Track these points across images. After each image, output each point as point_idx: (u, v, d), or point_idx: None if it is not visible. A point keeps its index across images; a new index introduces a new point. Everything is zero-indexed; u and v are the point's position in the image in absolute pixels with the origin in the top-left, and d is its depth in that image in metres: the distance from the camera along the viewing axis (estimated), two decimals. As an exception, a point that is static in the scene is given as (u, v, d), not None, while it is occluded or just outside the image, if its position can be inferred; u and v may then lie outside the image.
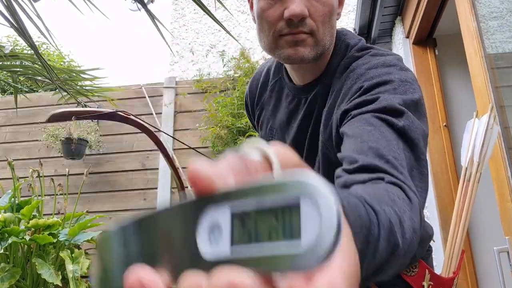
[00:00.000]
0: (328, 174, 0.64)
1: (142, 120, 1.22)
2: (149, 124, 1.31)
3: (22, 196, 2.87)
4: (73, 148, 2.94)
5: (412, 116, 0.58)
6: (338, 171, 0.52)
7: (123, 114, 1.19)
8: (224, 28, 1.44)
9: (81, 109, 1.17)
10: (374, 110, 0.57)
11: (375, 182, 0.47)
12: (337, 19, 0.73)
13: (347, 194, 0.37)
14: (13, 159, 3.10)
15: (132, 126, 1.22)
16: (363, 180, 0.47)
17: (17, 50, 3.97)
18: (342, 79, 0.69)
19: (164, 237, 0.21)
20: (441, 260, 2.31)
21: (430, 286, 0.76)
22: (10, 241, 2.25)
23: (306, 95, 0.75)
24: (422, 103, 0.66)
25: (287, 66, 0.78)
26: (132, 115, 1.20)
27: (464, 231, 0.93)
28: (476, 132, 0.93)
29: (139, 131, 3.30)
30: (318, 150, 0.72)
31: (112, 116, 1.21)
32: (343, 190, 0.44)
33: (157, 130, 3.24)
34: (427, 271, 0.77)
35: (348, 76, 0.67)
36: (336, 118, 0.65)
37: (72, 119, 1.06)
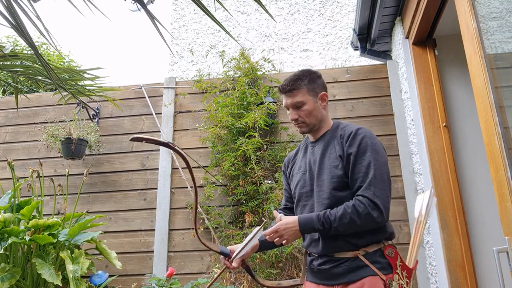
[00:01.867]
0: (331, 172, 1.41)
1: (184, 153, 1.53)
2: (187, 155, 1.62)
3: (22, 196, 2.87)
4: (73, 148, 2.94)
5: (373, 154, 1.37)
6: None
7: (172, 146, 1.55)
8: (224, 29, 1.44)
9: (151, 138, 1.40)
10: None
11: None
12: (323, 107, 1.50)
13: (315, 213, 1.36)
14: (13, 159, 3.11)
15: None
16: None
17: (17, 50, 3.97)
18: (336, 133, 1.48)
19: None
20: (440, 255, 2.32)
21: (400, 266, 1.33)
22: (10, 241, 2.24)
23: (316, 144, 1.51)
24: (375, 142, 1.40)
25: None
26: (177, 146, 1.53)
27: (417, 249, 1.43)
28: (423, 200, 1.49)
29: (139, 131, 3.29)
30: (324, 166, 1.44)
31: (166, 145, 1.52)
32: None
33: (197, 166, 3.23)
34: (399, 256, 1.36)
35: (338, 130, 1.48)
36: (340, 151, 1.41)
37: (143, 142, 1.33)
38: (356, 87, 3.13)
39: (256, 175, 2.83)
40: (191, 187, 3.04)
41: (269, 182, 2.81)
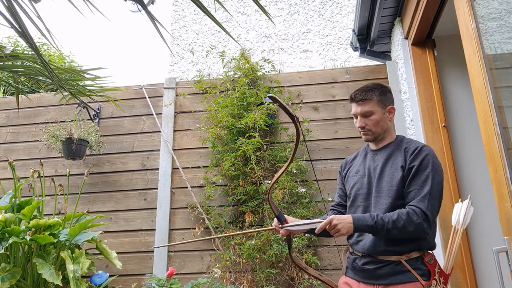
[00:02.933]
0: (391, 181, 1.49)
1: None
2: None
3: (22, 196, 2.87)
4: (74, 149, 2.94)
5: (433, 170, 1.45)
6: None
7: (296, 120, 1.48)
8: (224, 29, 1.45)
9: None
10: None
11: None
12: (389, 119, 1.59)
13: (370, 214, 1.42)
14: (14, 160, 3.11)
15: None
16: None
17: (18, 51, 3.97)
18: (400, 146, 1.56)
19: None
20: (439, 257, 2.32)
21: (438, 272, 1.41)
22: (10, 241, 2.25)
23: (378, 152, 1.60)
24: (436, 162, 1.49)
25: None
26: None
27: (454, 256, 1.53)
28: (460, 209, 1.61)
29: (139, 131, 3.30)
30: (385, 173, 1.52)
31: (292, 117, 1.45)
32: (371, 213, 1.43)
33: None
34: (437, 263, 1.43)
35: (403, 144, 1.56)
36: (402, 162, 1.49)
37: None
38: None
39: (256, 175, 2.84)
40: (192, 187, 3.05)
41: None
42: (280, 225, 1.51)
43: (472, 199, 2.46)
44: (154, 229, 3.01)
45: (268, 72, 3.27)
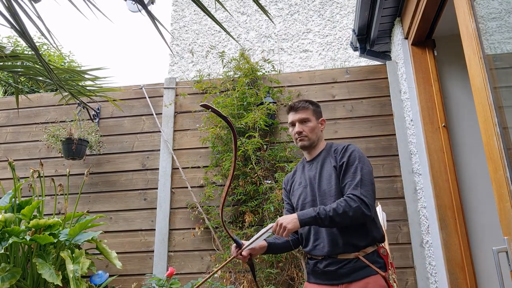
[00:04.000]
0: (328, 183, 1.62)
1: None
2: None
3: (22, 196, 2.87)
4: (74, 149, 2.94)
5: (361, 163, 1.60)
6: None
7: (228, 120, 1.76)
8: (224, 29, 1.45)
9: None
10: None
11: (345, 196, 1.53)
12: (321, 130, 1.75)
13: (314, 208, 1.52)
14: (14, 160, 3.11)
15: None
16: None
17: (18, 51, 3.97)
18: (330, 151, 1.71)
19: None
20: (439, 255, 2.32)
21: (391, 263, 1.55)
22: (10, 241, 2.25)
23: (313, 162, 1.73)
24: (362, 155, 1.64)
25: (304, 152, 1.78)
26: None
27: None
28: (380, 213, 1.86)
29: (139, 131, 3.30)
30: (323, 177, 1.65)
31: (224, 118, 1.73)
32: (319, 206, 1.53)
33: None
34: (389, 254, 1.57)
35: (332, 148, 1.71)
36: (334, 163, 1.64)
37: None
38: (355, 87, 3.14)
39: (256, 175, 2.84)
40: (192, 187, 3.05)
41: (269, 182, 2.81)
42: (238, 250, 1.59)
43: (472, 198, 2.47)
44: (154, 229, 3.01)
45: (268, 72, 3.27)
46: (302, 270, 2.67)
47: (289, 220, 1.47)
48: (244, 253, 1.58)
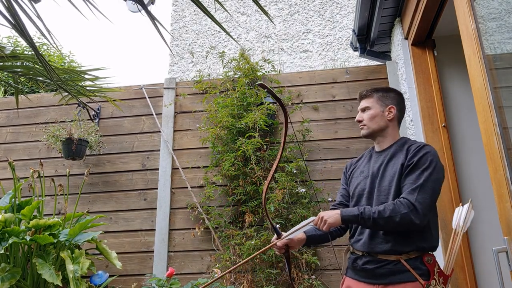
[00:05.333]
0: (397, 184, 1.49)
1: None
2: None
3: (22, 197, 2.87)
4: (74, 149, 2.94)
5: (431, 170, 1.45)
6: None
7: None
8: (224, 29, 1.45)
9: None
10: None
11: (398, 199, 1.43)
12: (390, 119, 1.64)
13: (358, 207, 1.46)
14: (14, 160, 3.11)
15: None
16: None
17: (18, 51, 3.97)
18: (403, 147, 1.57)
19: None
20: (439, 255, 2.32)
21: (438, 272, 1.41)
22: (10, 241, 2.25)
23: (381, 154, 1.62)
24: (436, 161, 1.48)
25: (374, 142, 1.69)
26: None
27: (454, 257, 1.52)
28: (461, 212, 1.59)
29: (139, 131, 3.30)
30: (387, 173, 1.54)
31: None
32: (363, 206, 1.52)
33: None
34: (437, 264, 1.44)
35: (405, 145, 1.57)
36: (403, 160, 1.50)
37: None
38: (355, 87, 3.14)
39: (256, 175, 2.84)
40: (192, 187, 3.05)
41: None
42: (277, 238, 1.56)
43: (472, 199, 2.46)
44: (154, 229, 3.01)
45: (268, 72, 3.27)
46: (302, 270, 2.67)
47: (331, 214, 1.45)
48: (279, 243, 1.54)
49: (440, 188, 1.46)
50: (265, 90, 1.44)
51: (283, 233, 1.57)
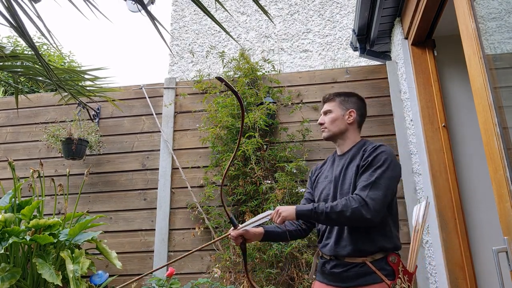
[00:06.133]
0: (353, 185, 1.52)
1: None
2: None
3: (22, 196, 2.87)
4: (74, 149, 2.94)
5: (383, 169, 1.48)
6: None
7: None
8: (224, 29, 1.45)
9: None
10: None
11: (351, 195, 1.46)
12: (350, 123, 1.65)
13: (313, 204, 1.50)
14: (14, 160, 3.11)
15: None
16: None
17: (17, 51, 3.97)
18: (361, 149, 1.60)
19: None
20: (439, 255, 2.32)
21: (402, 271, 1.46)
22: (10, 241, 2.25)
23: (342, 157, 1.66)
24: (391, 159, 1.52)
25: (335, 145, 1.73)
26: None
27: (416, 254, 1.57)
28: (419, 210, 1.64)
29: (139, 131, 3.30)
30: (347, 176, 1.57)
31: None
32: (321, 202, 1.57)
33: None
34: (401, 262, 1.48)
35: (364, 146, 1.60)
36: (359, 161, 1.54)
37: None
38: (355, 87, 3.14)
39: (256, 175, 2.84)
40: (191, 187, 3.05)
41: (269, 182, 2.81)
42: (234, 230, 1.60)
43: (472, 198, 2.47)
44: (154, 229, 3.01)
45: (268, 72, 3.27)
46: (302, 270, 2.67)
47: (286, 209, 1.49)
48: (233, 233, 1.58)
49: (395, 185, 1.49)
50: (223, 83, 1.48)
51: (239, 224, 1.61)
